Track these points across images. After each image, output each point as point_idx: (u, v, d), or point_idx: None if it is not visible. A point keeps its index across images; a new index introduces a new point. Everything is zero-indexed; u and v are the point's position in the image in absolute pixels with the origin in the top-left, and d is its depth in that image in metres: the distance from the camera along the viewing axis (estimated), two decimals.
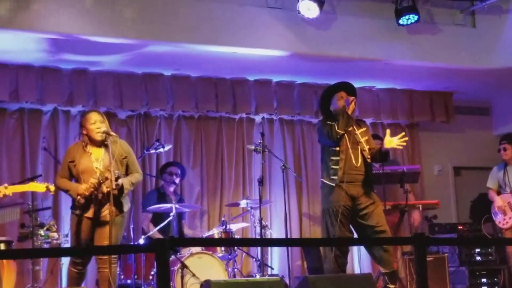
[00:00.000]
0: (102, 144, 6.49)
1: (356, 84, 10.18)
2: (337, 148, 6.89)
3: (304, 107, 10.00)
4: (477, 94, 11.03)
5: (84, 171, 6.39)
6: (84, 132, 6.54)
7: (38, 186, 6.63)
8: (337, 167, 6.85)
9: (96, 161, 6.43)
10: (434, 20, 9.45)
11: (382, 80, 10.26)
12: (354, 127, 6.99)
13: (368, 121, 10.55)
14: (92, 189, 6.28)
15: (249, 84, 9.84)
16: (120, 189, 6.35)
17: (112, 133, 6.62)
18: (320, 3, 8.44)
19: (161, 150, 8.35)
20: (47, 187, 6.54)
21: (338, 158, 6.88)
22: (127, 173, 6.55)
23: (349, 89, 7.20)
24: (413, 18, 8.89)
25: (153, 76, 9.36)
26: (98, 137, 6.46)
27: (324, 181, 6.97)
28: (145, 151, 8.61)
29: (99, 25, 8.00)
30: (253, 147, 8.31)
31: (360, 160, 6.90)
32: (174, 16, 8.27)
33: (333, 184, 6.84)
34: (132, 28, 8.12)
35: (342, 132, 6.83)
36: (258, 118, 10.06)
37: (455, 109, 10.99)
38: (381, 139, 9.50)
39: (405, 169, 8.36)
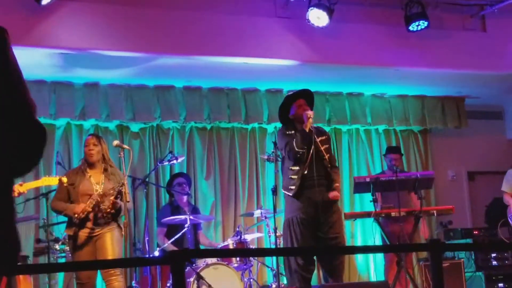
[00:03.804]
0: (103, 169, 6.74)
1: (368, 91, 10.29)
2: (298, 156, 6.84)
3: (316, 115, 9.95)
4: (489, 98, 10.99)
5: (84, 194, 6.61)
6: (84, 155, 6.85)
7: (51, 180, 6.66)
8: (296, 176, 6.81)
9: (96, 184, 6.60)
10: (444, 26, 9.44)
11: (393, 87, 10.25)
12: (315, 135, 6.93)
13: (381, 128, 10.55)
14: (89, 210, 6.50)
15: (260, 94, 9.86)
16: (118, 210, 6.61)
17: (125, 146, 6.84)
18: (330, 12, 8.44)
19: (174, 162, 8.36)
20: (60, 179, 6.58)
21: (297, 168, 6.84)
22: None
23: (308, 97, 7.15)
24: (423, 24, 8.88)
25: (165, 88, 9.39)
26: (90, 158, 6.73)
27: (285, 192, 6.93)
28: (158, 163, 8.62)
29: (110, 39, 8.04)
30: (266, 157, 8.31)
31: (321, 167, 6.85)
32: (184, 29, 8.30)
33: (291, 194, 6.81)
34: (143, 41, 8.15)
35: (301, 151, 6.77)
36: (270, 128, 10.07)
37: (468, 114, 10.96)
38: (400, 151, 9.47)
39: (418, 176, 8.33)
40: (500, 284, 9.52)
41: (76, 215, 6.46)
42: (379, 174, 9.26)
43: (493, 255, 9.69)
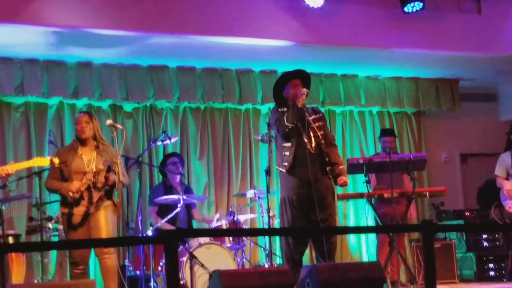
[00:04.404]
0: (94, 146, 6.70)
1: (362, 73, 10.28)
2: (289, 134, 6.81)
3: (310, 96, 9.91)
4: (483, 80, 11.00)
5: (76, 172, 6.56)
6: (75, 132, 6.83)
7: (42, 160, 6.64)
8: (288, 153, 6.80)
9: (88, 161, 6.58)
10: (439, 7, 9.41)
11: (387, 69, 10.24)
12: (307, 114, 6.89)
13: (375, 109, 10.55)
14: (83, 189, 6.48)
15: (254, 75, 9.84)
16: (112, 185, 6.60)
17: (119, 125, 6.82)
18: None
19: (168, 142, 8.35)
20: (51, 160, 6.55)
21: (290, 144, 6.82)
22: None
23: (304, 78, 7.12)
24: (418, 5, 8.87)
25: (158, 68, 9.36)
26: (82, 134, 6.69)
27: (280, 168, 6.91)
28: (151, 143, 8.61)
29: (104, 17, 8.00)
30: (259, 138, 8.31)
31: (313, 145, 6.83)
32: (178, 8, 8.27)
33: (285, 170, 6.80)
34: (137, 20, 8.12)
35: (290, 125, 6.75)
36: (264, 109, 10.06)
37: (462, 96, 10.96)
38: (394, 134, 9.47)
39: (411, 157, 8.35)
40: (491, 265, 9.59)
41: (71, 194, 6.43)
42: (373, 156, 9.27)
43: (484, 236, 9.75)
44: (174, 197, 8.18)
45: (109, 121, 7.04)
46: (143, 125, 9.49)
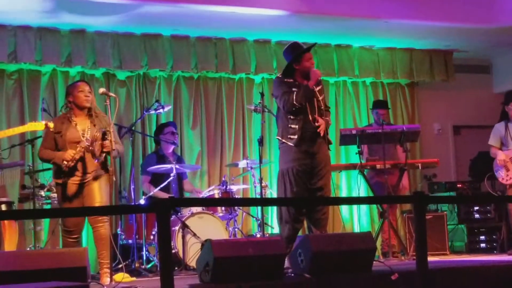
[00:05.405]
0: (88, 115, 6.62)
1: (356, 43, 10.26)
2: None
3: None
4: (477, 52, 10.98)
5: (71, 141, 6.48)
6: (71, 99, 6.63)
7: (36, 125, 6.57)
8: (296, 126, 6.75)
9: (82, 131, 6.52)
10: None
11: (382, 39, 10.21)
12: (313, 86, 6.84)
13: (368, 80, 10.55)
14: (78, 158, 6.40)
15: (248, 44, 9.80)
16: (106, 155, 6.53)
17: (112, 94, 6.77)
18: None
19: (161, 111, 8.32)
20: (46, 124, 6.50)
21: (297, 117, 6.79)
22: None
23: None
24: None
25: (152, 37, 9.31)
26: (85, 103, 6.58)
27: (283, 140, 6.83)
28: (144, 112, 8.59)
29: None
30: (252, 107, 8.28)
31: (318, 117, 6.82)
32: None
33: (292, 144, 6.76)
34: None
35: (298, 105, 6.70)
36: (257, 78, 10.03)
37: (455, 67, 10.96)
38: (387, 106, 9.46)
39: (404, 129, 8.36)
40: (482, 237, 9.67)
41: (65, 162, 6.39)
42: (366, 126, 9.27)
43: (476, 208, 9.81)
44: (167, 166, 8.18)
45: (102, 90, 6.98)
46: (136, 94, 9.47)
